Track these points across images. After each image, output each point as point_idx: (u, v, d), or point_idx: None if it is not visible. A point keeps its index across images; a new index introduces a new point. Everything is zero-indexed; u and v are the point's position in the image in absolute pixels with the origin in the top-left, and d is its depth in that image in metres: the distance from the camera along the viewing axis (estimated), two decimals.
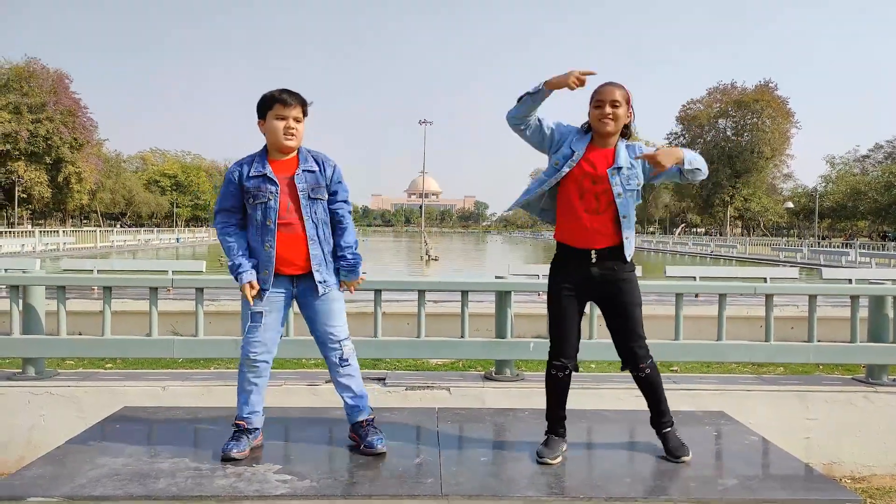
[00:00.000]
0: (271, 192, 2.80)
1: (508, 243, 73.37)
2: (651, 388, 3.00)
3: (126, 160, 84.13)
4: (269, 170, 2.83)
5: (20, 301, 4.29)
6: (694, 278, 10.02)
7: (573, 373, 2.98)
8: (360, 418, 3.01)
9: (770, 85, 62.25)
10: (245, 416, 2.94)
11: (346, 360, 2.99)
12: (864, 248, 32.76)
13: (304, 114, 2.87)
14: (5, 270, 8.03)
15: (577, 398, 4.29)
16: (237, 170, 2.86)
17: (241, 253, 2.85)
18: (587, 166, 2.86)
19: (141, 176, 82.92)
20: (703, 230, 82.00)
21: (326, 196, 2.91)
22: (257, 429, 2.98)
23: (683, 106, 66.76)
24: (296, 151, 2.90)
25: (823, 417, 4.40)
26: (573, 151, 2.87)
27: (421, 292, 4.56)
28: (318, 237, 2.88)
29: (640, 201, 2.98)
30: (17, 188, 48.91)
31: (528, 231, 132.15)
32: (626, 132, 2.94)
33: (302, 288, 2.92)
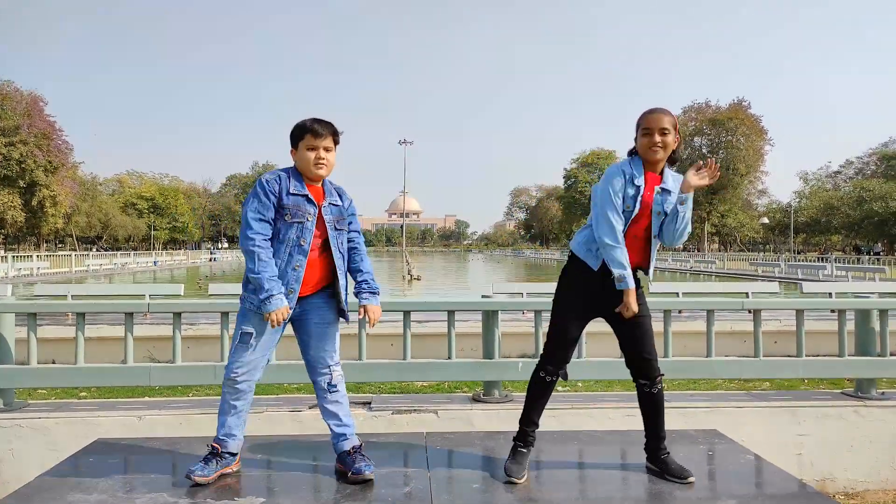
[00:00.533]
0: (310, 214, 2.80)
1: (490, 262, 73.47)
2: (656, 407, 2.97)
3: (102, 183, 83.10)
4: (308, 192, 2.82)
5: None
6: (677, 294, 10.04)
7: (558, 381, 2.96)
8: (348, 447, 2.92)
9: (743, 104, 63.56)
10: (220, 437, 2.86)
11: (335, 386, 2.92)
12: (839, 262, 33.29)
13: (336, 142, 2.87)
14: None
15: (569, 418, 4.24)
16: (276, 183, 2.77)
17: (275, 274, 2.72)
18: (646, 196, 2.85)
19: (117, 199, 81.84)
20: (682, 246, 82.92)
21: (348, 228, 2.95)
22: (232, 454, 2.88)
23: None
24: (321, 181, 2.90)
25: (815, 433, 4.36)
26: (638, 188, 2.82)
27: (406, 313, 4.46)
28: (344, 268, 2.90)
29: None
30: None
31: (508, 249, 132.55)
32: (673, 157, 2.91)
33: (302, 309, 2.85)
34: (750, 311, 7.05)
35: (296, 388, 5.51)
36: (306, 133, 2.80)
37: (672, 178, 2.89)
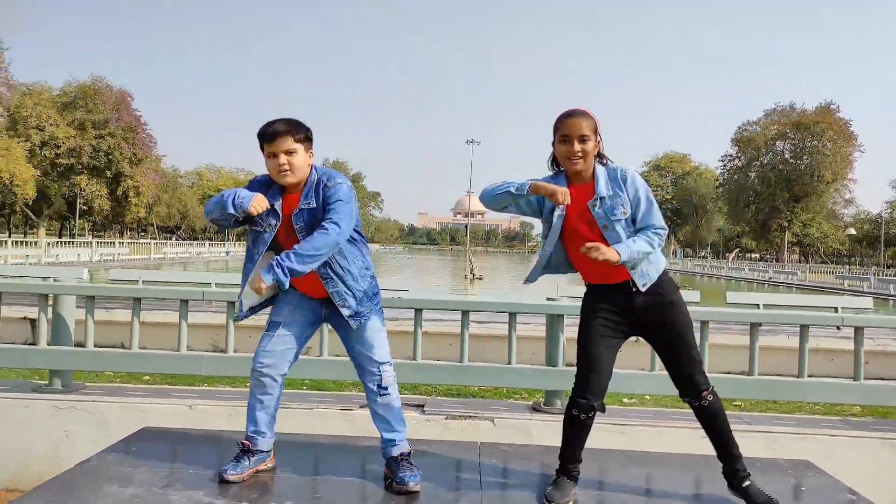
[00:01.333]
0: (270, 225, 2.59)
1: None
2: (715, 420, 2.63)
3: (183, 175, 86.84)
4: (278, 204, 2.58)
5: (49, 310, 4.14)
6: (757, 306, 9.38)
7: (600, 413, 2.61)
8: (396, 453, 2.70)
9: (832, 106, 59.88)
10: (249, 435, 2.70)
11: (386, 389, 2.68)
12: None
13: (299, 140, 2.54)
14: (53, 279, 8.09)
15: (637, 436, 3.88)
16: (259, 185, 2.65)
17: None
18: (574, 209, 2.53)
19: (196, 191, 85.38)
20: (758, 256, 79.19)
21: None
22: (263, 451, 2.71)
23: (739, 127, 64.73)
24: (303, 183, 2.60)
25: None
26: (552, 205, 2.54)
27: (465, 313, 4.21)
28: (333, 273, 2.58)
29: (634, 228, 2.58)
30: (79, 200, 50.94)
31: None
32: (601, 158, 2.59)
33: (331, 310, 2.66)
34: (839, 328, 6.45)
35: (351, 385, 5.36)
36: (262, 141, 2.56)
37: (604, 178, 2.53)
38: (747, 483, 2.59)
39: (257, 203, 2.51)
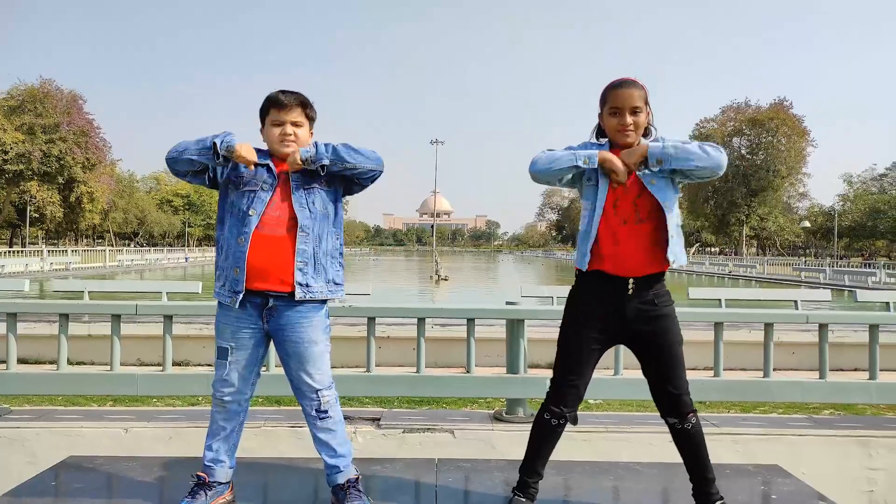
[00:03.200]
0: (266, 183, 2.37)
1: (520, 262, 72.72)
2: (696, 445, 2.45)
3: (140, 180, 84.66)
4: (270, 163, 2.39)
5: None
6: (719, 301, 9.38)
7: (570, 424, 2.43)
8: (342, 480, 2.47)
9: (785, 103, 61.47)
10: (206, 465, 2.45)
11: (325, 412, 2.44)
12: (889, 269, 31.75)
13: (308, 117, 2.46)
14: None
15: (602, 444, 3.72)
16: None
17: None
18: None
19: (154, 196, 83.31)
20: (718, 249, 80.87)
21: (325, 185, 2.42)
22: (221, 483, 2.46)
23: (697, 124, 66.03)
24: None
25: (890, 467, 3.77)
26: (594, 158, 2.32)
27: (421, 320, 4.00)
28: (312, 230, 2.37)
29: (679, 193, 2.41)
30: (29, 208, 49.05)
31: (539, 250, 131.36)
32: (647, 133, 2.41)
33: (275, 318, 2.39)
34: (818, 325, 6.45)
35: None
36: (270, 106, 2.40)
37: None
38: (719, 502, 2.44)
39: (246, 149, 2.31)
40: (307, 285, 2.36)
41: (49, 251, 35.05)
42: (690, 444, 2.44)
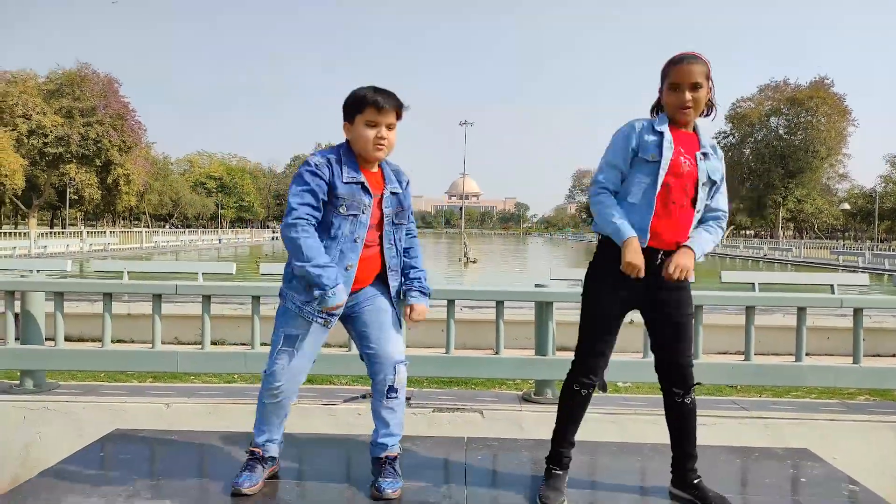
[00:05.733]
0: (365, 206, 2.36)
1: (549, 245, 72.30)
2: (688, 421, 2.50)
3: (174, 163, 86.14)
4: (363, 178, 2.37)
5: (15, 307, 3.96)
6: (752, 285, 9.25)
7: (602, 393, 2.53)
8: (382, 454, 2.52)
9: (826, 81, 59.56)
10: (261, 443, 2.53)
11: (395, 391, 2.48)
12: None
13: (399, 118, 2.41)
14: (37, 271, 7.89)
15: (630, 425, 3.75)
16: (326, 165, 2.32)
17: (328, 261, 2.27)
18: (679, 152, 2.33)
19: (188, 178, 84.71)
20: (753, 232, 79.23)
21: (407, 222, 2.55)
22: (273, 458, 2.57)
23: (733, 104, 64.44)
24: (378, 164, 2.46)
25: None
26: (661, 134, 2.32)
27: (450, 302, 4.05)
28: (399, 268, 2.53)
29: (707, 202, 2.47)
30: (69, 190, 50.42)
31: (569, 233, 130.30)
32: (709, 108, 2.41)
33: (354, 301, 2.44)
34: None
35: (337, 378, 5.21)
36: (367, 106, 2.32)
37: (707, 138, 2.40)
38: (698, 480, 2.49)
39: (339, 308, 2.34)
40: (397, 293, 2.54)
41: (88, 232, 36.04)
42: (686, 419, 2.48)
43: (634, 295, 2.39)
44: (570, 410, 2.50)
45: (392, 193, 2.45)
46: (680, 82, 2.30)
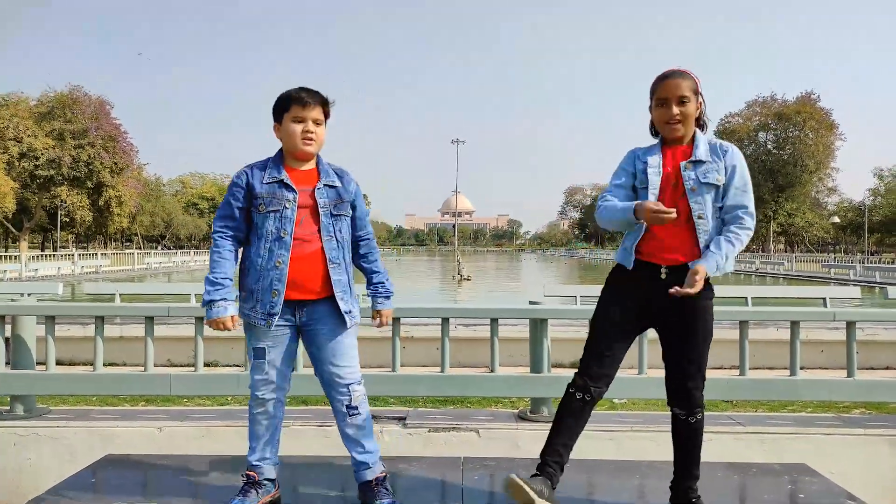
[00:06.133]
0: (288, 200, 2.39)
1: (542, 262, 72.37)
2: (693, 442, 2.46)
3: (166, 184, 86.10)
4: (285, 175, 2.42)
5: (6, 331, 3.92)
6: (745, 299, 9.31)
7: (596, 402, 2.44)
8: (370, 477, 2.52)
9: (812, 97, 60.42)
10: (254, 463, 2.51)
11: (356, 409, 2.49)
12: None
13: (326, 115, 2.48)
14: (27, 294, 7.84)
15: (628, 443, 3.73)
16: (247, 173, 2.44)
17: (225, 275, 2.40)
18: (668, 172, 2.37)
19: (180, 199, 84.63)
20: (745, 247, 79.61)
21: (350, 213, 2.53)
22: (270, 480, 2.52)
23: (722, 120, 65.19)
24: (315, 161, 2.50)
25: None
26: (645, 163, 2.39)
27: (445, 320, 4.04)
28: (343, 261, 2.48)
29: (722, 204, 2.41)
30: (60, 212, 50.20)
31: (561, 249, 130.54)
32: (700, 124, 2.43)
33: (307, 318, 2.45)
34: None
35: (324, 400, 5.18)
36: (291, 103, 2.41)
37: (705, 145, 2.38)
38: (697, 499, 2.47)
39: (218, 324, 2.39)
40: (350, 312, 2.48)
41: (80, 254, 35.85)
42: (689, 438, 2.46)
43: (641, 307, 2.39)
44: (561, 416, 2.42)
45: (329, 186, 2.47)
46: (667, 97, 2.32)
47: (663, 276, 2.34)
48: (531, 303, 4.09)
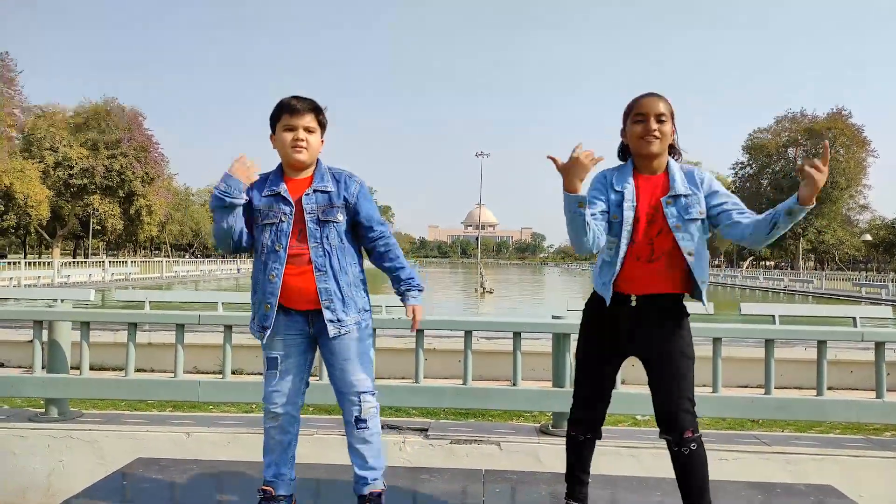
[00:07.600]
0: (284, 214, 2.40)
1: (566, 275, 71.94)
2: (693, 472, 2.33)
3: (195, 193, 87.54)
4: (283, 188, 2.43)
5: (43, 336, 4.06)
6: (773, 317, 9.16)
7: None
8: (366, 491, 2.49)
9: (843, 113, 59.41)
10: (269, 480, 2.50)
11: (364, 422, 2.44)
12: None
13: (321, 123, 2.47)
14: (61, 300, 8.04)
15: (650, 460, 3.71)
16: (251, 187, 2.47)
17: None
18: (644, 206, 2.33)
19: (208, 208, 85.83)
20: (773, 263, 78.27)
21: (343, 218, 2.44)
22: (286, 496, 2.50)
23: (750, 135, 64.38)
24: (312, 169, 2.49)
25: None
26: (620, 191, 2.34)
27: (468, 333, 4.08)
28: (331, 267, 2.39)
29: (709, 235, 2.41)
30: (92, 220, 51.39)
31: (585, 262, 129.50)
32: (673, 153, 2.41)
33: (318, 326, 2.44)
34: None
35: None
36: (282, 112, 2.41)
37: (680, 176, 2.33)
38: None
39: (238, 168, 2.37)
40: (339, 321, 2.41)
41: (110, 262, 36.65)
42: (684, 471, 2.33)
43: (617, 344, 2.40)
44: (574, 453, 2.54)
45: (320, 192, 2.43)
46: (646, 112, 2.30)
47: (633, 303, 2.34)
48: (554, 317, 4.11)
